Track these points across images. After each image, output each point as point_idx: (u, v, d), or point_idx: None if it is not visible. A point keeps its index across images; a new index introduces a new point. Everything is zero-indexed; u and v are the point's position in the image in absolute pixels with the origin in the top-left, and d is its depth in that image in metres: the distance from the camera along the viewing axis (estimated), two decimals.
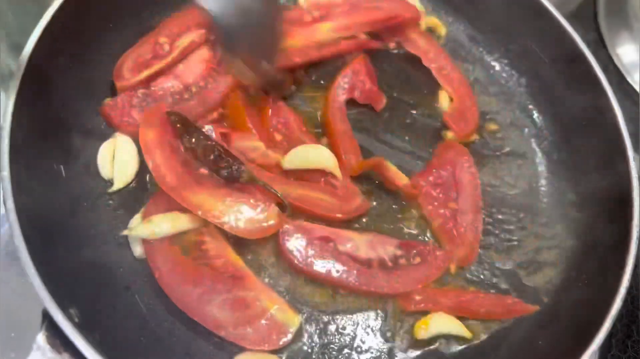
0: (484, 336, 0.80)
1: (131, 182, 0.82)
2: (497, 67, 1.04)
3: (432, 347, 0.79)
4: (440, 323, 0.79)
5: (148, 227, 0.75)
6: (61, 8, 0.78)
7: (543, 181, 0.94)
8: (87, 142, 0.82)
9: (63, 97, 0.80)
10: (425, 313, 0.79)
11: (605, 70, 0.91)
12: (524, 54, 1.00)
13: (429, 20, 1.04)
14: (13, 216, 0.65)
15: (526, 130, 0.99)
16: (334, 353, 0.76)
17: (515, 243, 0.88)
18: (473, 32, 1.06)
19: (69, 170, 0.79)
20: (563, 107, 0.95)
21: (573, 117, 0.94)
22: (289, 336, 0.74)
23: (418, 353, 0.78)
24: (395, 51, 1.01)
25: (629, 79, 1.11)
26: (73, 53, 0.81)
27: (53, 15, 0.77)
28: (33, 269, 0.63)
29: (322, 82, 0.96)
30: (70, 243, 0.74)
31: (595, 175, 0.89)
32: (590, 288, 0.80)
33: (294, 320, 0.75)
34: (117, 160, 0.82)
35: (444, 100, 0.97)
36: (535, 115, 1.00)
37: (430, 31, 1.04)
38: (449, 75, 0.99)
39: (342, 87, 0.93)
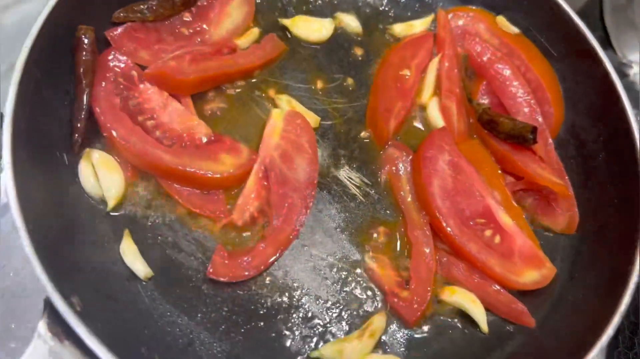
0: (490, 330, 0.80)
1: (125, 194, 0.79)
2: None
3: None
4: (466, 299, 0.79)
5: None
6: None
7: None
8: (89, 129, 0.80)
9: (66, 83, 0.79)
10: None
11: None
12: None
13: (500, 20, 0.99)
14: (15, 204, 0.64)
15: None
16: None
17: None
18: None
19: (71, 157, 0.78)
20: (571, 102, 0.94)
21: (581, 112, 0.93)
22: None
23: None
24: None
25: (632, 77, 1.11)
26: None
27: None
28: (35, 257, 0.62)
29: None
30: (73, 232, 0.73)
31: (603, 168, 0.88)
32: (598, 286, 0.79)
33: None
34: (101, 178, 0.77)
35: None
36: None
37: None
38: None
39: None
